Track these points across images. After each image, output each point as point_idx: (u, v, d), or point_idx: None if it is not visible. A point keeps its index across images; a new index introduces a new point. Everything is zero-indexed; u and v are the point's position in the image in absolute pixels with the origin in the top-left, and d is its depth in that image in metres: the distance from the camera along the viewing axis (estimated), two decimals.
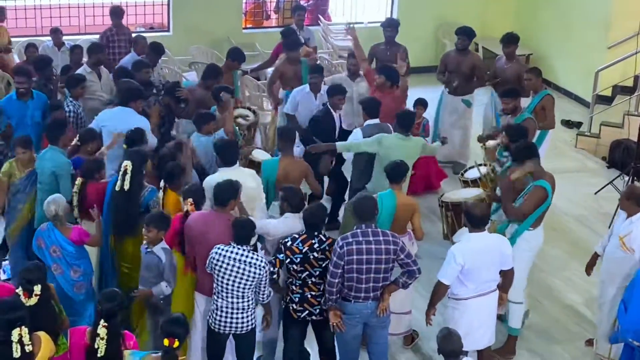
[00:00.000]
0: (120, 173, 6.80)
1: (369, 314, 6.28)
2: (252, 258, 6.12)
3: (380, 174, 7.58)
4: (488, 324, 6.58)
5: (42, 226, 6.69)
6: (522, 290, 7.14)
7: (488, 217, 6.58)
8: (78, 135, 7.69)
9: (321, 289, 6.37)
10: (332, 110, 8.62)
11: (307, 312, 6.43)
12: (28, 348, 5.04)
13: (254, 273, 6.11)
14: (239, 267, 6.10)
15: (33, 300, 5.52)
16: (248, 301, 6.21)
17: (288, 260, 6.32)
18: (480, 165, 8.38)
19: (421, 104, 9.85)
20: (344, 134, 8.70)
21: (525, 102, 9.13)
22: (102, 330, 5.25)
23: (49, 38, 10.71)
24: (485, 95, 10.71)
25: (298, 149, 8.42)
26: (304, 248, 6.30)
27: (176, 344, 5.19)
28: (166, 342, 5.20)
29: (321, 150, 8.13)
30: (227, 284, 6.13)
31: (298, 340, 6.60)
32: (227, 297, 6.18)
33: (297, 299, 6.42)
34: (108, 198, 6.94)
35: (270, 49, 11.24)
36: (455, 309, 6.49)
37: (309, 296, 6.40)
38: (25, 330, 5.03)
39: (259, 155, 8.35)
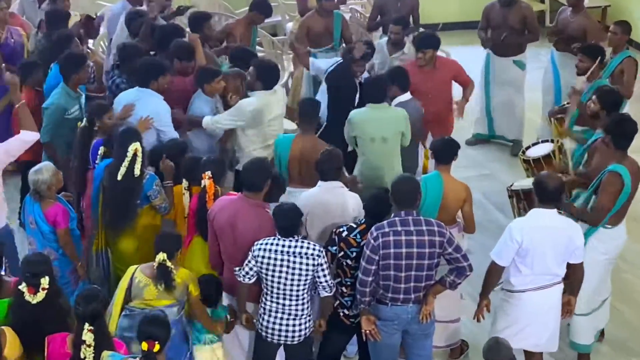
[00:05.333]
0: (128, 158, 6.97)
1: (409, 319, 6.41)
2: (302, 247, 6.30)
3: (365, 163, 7.87)
4: (546, 324, 6.65)
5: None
6: (589, 300, 7.22)
7: (562, 192, 6.58)
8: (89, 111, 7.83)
9: None
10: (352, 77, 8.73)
11: None
12: None
13: (308, 265, 6.28)
14: (288, 261, 6.28)
15: (40, 296, 5.77)
16: (303, 304, 6.41)
17: (342, 254, 6.50)
18: (545, 141, 8.49)
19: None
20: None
21: None
22: (88, 336, 5.42)
23: None
24: (545, 55, 10.80)
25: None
26: (362, 240, 6.43)
27: (156, 347, 5.36)
28: (144, 345, 5.36)
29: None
30: (278, 284, 6.34)
31: (341, 348, 6.85)
32: (277, 299, 6.39)
33: (349, 303, 6.61)
34: (96, 190, 7.21)
35: None
36: (506, 301, 6.64)
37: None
38: None
39: (286, 124, 8.60)
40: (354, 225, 6.55)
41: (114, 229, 7.21)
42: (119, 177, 7.00)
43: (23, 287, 5.79)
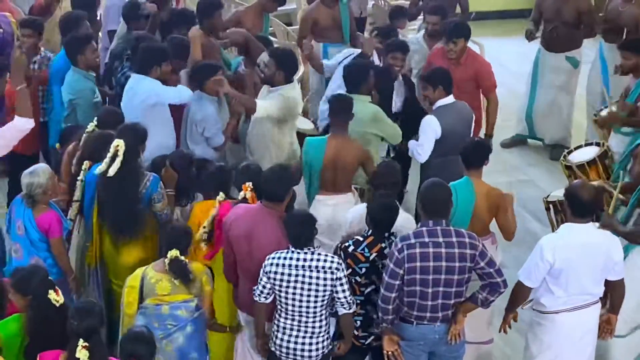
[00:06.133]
0: (109, 155, 6.87)
1: (436, 340, 6.30)
2: (319, 260, 6.18)
3: None
4: (583, 350, 6.52)
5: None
6: (628, 320, 7.01)
7: (598, 204, 6.50)
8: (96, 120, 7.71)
9: None
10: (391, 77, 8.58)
11: (372, 337, 6.50)
12: None
13: (326, 280, 6.15)
14: (304, 276, 6.16)
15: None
16: (321, 321, 6.28)
17: (349, 271, 6.39)
18: (589, 144, 8.30)
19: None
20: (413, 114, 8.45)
21: None
22: (82, 353, 5.31)
23: None
24: (593, 48, 10.65)
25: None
26: (371, 255, 6.36)
27: None
28: None
29: None
30: (293, 300, 6.20)
31: None
32: (292, 316, 6.26)
33: (359, 322, 6.51)
34: (89, 199, 7.10)
35: None
36: (538, 323, 6.51)
37: (375, 317, 6.43)
38: None
39: (302, 123, 8.53)
40: (361, 239, 6.49)
41: (122, 234, 7.03)
42: (110, 174, 6.84)
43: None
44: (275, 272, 6.19)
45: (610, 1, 10.16)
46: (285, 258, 6.20)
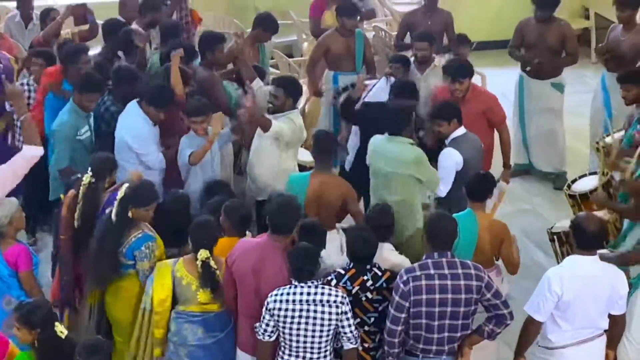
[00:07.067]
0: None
1: None
2: (323, 294, 6.11)
3: (376, 193, 7.70)
4: None
5: None
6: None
7: (603, 236, 6.48)
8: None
9: (377, 339, 6.36)
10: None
11: None
12: None
13: (331, 314, 6.08)
14: (308, 310, 6.09)
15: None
16: (325, 357, 6.21)
17: None
18: (593, 173, 8.30)
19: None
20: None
21: None
22: None
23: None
24: (592, 77, 10.66)
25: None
26: (353, 288, 6.30)
27: None
28: None
29: None
30: (297, 336, 6.13)
31: None
32: (297, 352, 6.18)
33: None
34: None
35: (307, 16, 11.29)
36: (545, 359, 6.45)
37: (361, 349, 6.38)
38: None
39: (302, 155, 8.51)
40: (342, 272, 6.40)
41: (92, 279, 6.95)
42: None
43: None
44: (280, 309, 6.11)
45: (611, 31, 10.14)
46: (288, 294, 6.13)
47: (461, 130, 7.98)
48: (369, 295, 6.30)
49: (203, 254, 6.35)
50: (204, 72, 8.86)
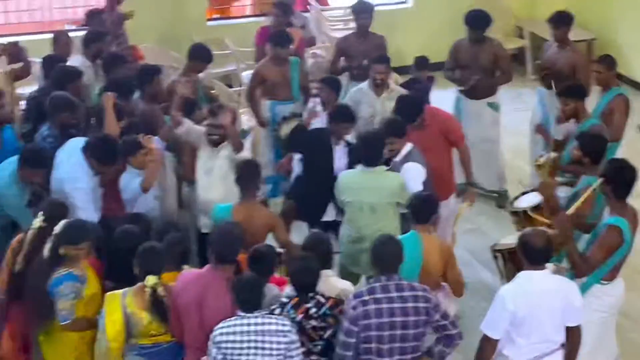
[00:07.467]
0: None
1: None
2: (270, 324, 6.04)
3: (347, 233, 7.80)
4: None
5: None
6: None
7: (551, 250, 6.48)
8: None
9: None
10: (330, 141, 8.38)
11: None
12: None
13: (280, 343, 6.01)
14: (256, 341, 6.00)
15: None
16: None
17: None
18: (535, 190, 8.30)
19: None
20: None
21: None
22: None
23: None
24: (529, 95, 10.75)
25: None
26: (297, 316, 6.27)
27: None
28: None
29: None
30: None
31: None
32: None
33: None
34: None
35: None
36: None
37: None
38: None
39: None
40: (286, 300, 6.35)
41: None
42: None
43: None
44: (227, 341, 6.01)
45: (546, 48, 10.27)
46: (235, 325, 6.04)
47: (409, 146, 8.02)
48: (314, 323, 6.26)
49: (150, 280, 6.25)
50: (144, 105, 8.81)
